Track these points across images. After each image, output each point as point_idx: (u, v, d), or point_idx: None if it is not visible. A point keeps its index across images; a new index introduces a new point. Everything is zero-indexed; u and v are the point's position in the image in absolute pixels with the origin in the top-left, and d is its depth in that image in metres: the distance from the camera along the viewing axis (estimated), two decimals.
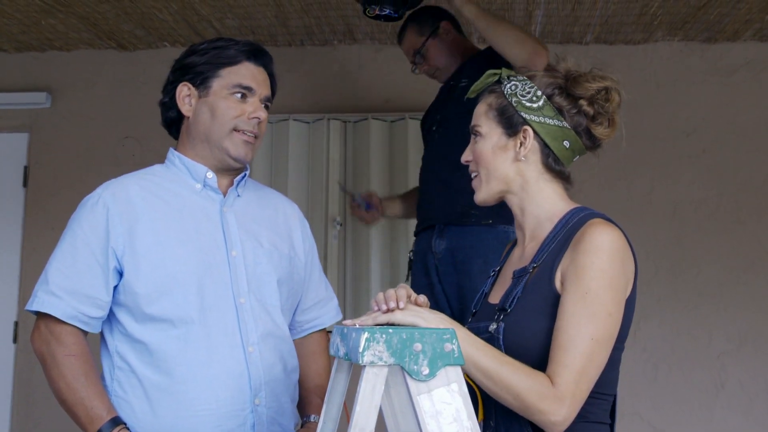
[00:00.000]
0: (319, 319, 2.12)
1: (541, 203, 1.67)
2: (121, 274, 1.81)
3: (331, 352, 1.43)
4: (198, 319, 1.79)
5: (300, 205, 2.19)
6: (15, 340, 4.12)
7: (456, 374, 1.28)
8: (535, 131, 1.66)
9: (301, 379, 2.03)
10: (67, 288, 1.78)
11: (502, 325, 1.57)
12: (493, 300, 1.71)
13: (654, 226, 3.93)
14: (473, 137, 1.74)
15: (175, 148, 1.99)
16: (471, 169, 1.75)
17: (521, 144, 1.66)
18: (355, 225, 4.02)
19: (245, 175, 1.99)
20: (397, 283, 3.02)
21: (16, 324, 4.13)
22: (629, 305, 1.56)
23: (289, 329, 2.02)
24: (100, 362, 1.85)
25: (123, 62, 4.29)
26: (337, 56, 4.23)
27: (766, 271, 3.88)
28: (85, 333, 1.81)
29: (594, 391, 1.51)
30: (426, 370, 1.26)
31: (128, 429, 1.74)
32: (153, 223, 1.83)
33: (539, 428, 1.47)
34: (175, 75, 1.97)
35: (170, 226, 1.85)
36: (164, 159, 2.00)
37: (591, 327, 1.46)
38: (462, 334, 1.41)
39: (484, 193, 1.71)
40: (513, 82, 1.69)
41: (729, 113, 3.99)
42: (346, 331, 1.36)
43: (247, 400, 1.80)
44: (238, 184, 1.97)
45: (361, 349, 1.24)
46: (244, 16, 3.80)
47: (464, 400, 1.27)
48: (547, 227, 1.65)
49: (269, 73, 2.01)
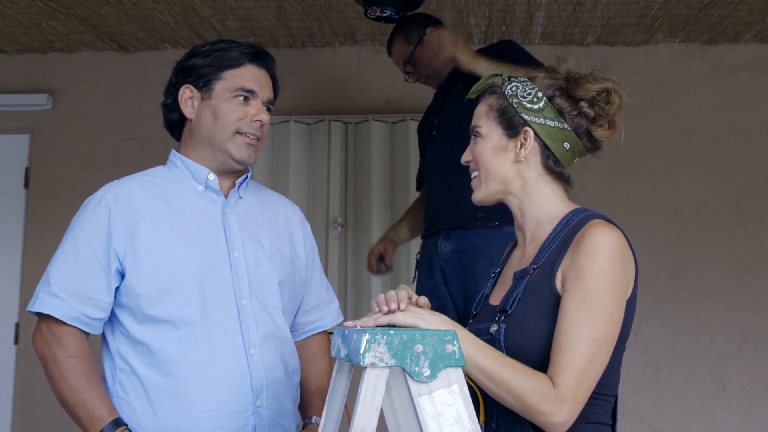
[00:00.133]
0: (320, 321, 2.12)
1: (541, 204, 1.67)
2: (122, 276, 1.81)
3: (332, 353, 1.43)
4: (199, 321, 1.79)
5: (301, 207, 2.19)
6: (16, 341, 4.12)
7: (457, 376, 1.28)
8: (535, 132, 1.66)
9: (302, 381, 2.03)
10: (69, 289, 1.78)
11: (503, 326, 1.57)
12: (494, 301, 1.71)
13: (655, 228, 3.93)
14: (473, 138, 1.74)
15: (177, 150, 1.99)
16: (471, 168, 1.75)
17: (521, 145, 1.66)
18: (356, 226, 4.03)
19: (247, 176, 1.99)
20: (398, 284, 3.02)
21: (17, 325, 4.13)
22: (630, 306, 1.56)
23: (290, 331, 2.02)
24: (101, 363, 1.85)
25: (124, 64, 4.30)
26: (338, 58, 4.23)
27: (767, 272, 3.88)
28: (87, 334, 1.81)
29: (595, 392, 1.50)
30: (427, 372, 1.26)
31: (129, 430, 1.74)
32: (155, 225, 1.83)
33: (540, 430, 1.47)
34: (177, 77, 1.96)
35: (172, 228, 1.85)
36: (166, 160, 2.00)
37: (592, 328, 1.46)
38: (463, 335, 1.41)
39: (483, 193, 1.71)
40: (514, 83, 1.69)
41: (730, 115, 3.99)
42: (347, 332, 1.36)
43: (249, 402, 1.80)
44: (239, 186, 1.97)
45: (362, 351, 1.24)
46: (245, 18, 3.80)
47: (465, 402, 1.27)
48: (548, 228, 1.65)
49: (271, 75, 2.00)
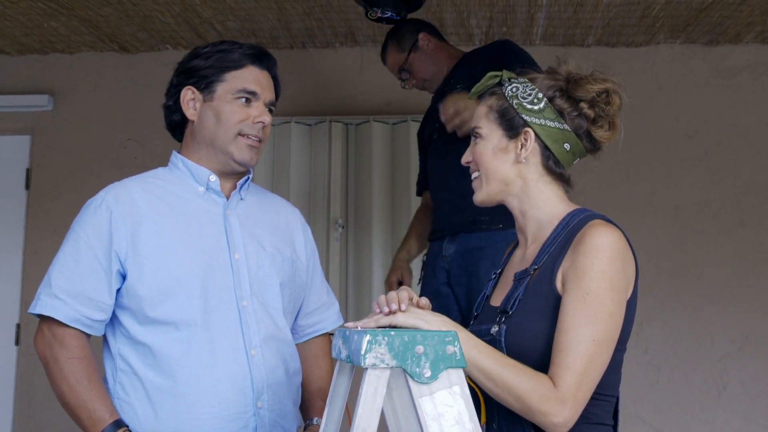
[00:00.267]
0: (321, 323, 2.12)
1: (542, 205, 1.67)
2: (124, 277, 1.81)
3: (333, 354, 1.43)
4: (201, 322, 1.79)
5: (302, 208, 2.19)
6: (17, 342, 4.12)
7: (458, 377, 1.28)
8: (535, 133, 1.66)
9: (303, 383, 2.03)
10: (70, 291, 1.78)
11: (504, 327, 1.57)
12: (495, 302, 1.71)
13: (656, 229, 3.93)
14: (474, 138, 1.74)
15: (179, 151, 1.99)
16: (471, 169, 1.75)
17: (522, 146, 1.66)
18: (356, 227, 4.03)
19: (248, 178, 1.99)
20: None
21: (18, 326, 4.13)
22: (630, 306, 1.56)
23: (291, 333, 2.01)
24: (102, 365, 1.85)
25: (125, 65, 4.30)
26: (338, 59, 4.23)
27: None
28: (88, 336, 1.81)
29: (596, 393, 1.51)
30: (428, 373, 1.26)
31: (131, 431, 1.74)
32: (156, 226, 1.83)
33: (541, 430, 1.47)
34: (178, 78, 1.96)
35: (173, 229, 1.84)
36: (167, 161, 2.00)
37: (592, 328, 1.46)
38: (464, 336, 1.41)
39: (484, 194, 1.71)
40: (514, 84, 1.69)
41: (731, 115, 3.99)
42: (348, 333, 1.36)
43: (250, 403, 1.80)
44: (241, 187, 1.97)
45: (363, 352, 1.24)
46: (246, 19, 3.80)
47: (466, 403, 1.27)
48: (548, 229, 1.65)
49: (273, 77, 2.00)
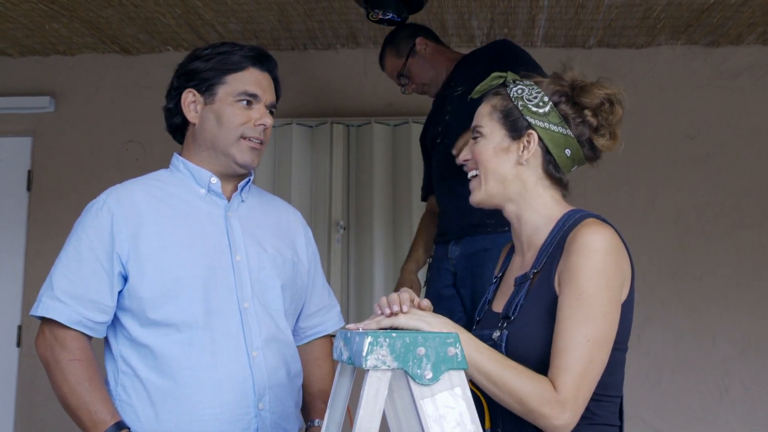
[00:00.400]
0: (322, 325, 2.12)
1: (539, 209, 1.67)
2: (125, 279, 1.81)
3: (335, 356, 1.43)
4: (202, 324, 1.79)
5: (303, 209, 2.19)
6: (19, 344, 4.12)
7: (459, 378, 1.28)
8: (539, 136, 1.66)
9: (304, 384, 2.03)
10: (72, 293, 1.78)
11: (506, 333, 1.57)
12: (497, 308, 1.71)
13: (657, 231, 3.92)
14: (474, 137, 1.73)
15: (180, 153, 1.99)
16: (469, 167, 1.74)
17: (524, 148, 1.66)
18: (358, 229, 4.03)
19: (249, 180, 1.99)
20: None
21: (20, 328, 4.13)
22: (628, 305, 1.56)
23: (293, 335, 2.01)
24: (103, 366, 1.85)
25: (126, 66, 4.30)
26: (340, 60, 4.23)
27: None
28: (90, 338, 1.81)
29: (600, 394, 1.51)
30: (429, 375, 1.26)
31: None
32: (158, 228, 1.83)
33: None
34: (179, 81, 1.95)
35: (175, 231, 1.84)
36: (168, 163, 2.00)
37: (587, 329, 1.46)
38: (465, 338, 1.41)
39: (483, 193, 1.70)
40: (519, 86, 1.69)
41: (732, 117, 3.99)
42: (349, 335, 1.35)
43: (251, 405, 1.80)
44: (242, 190, 1.97)
45: (364, 353, 1.24)
46: (248, 20, 3.80)
47: (467, 405, 1.27)
48: (544, 232, 1.65)
49: (274, 78, 2.00)
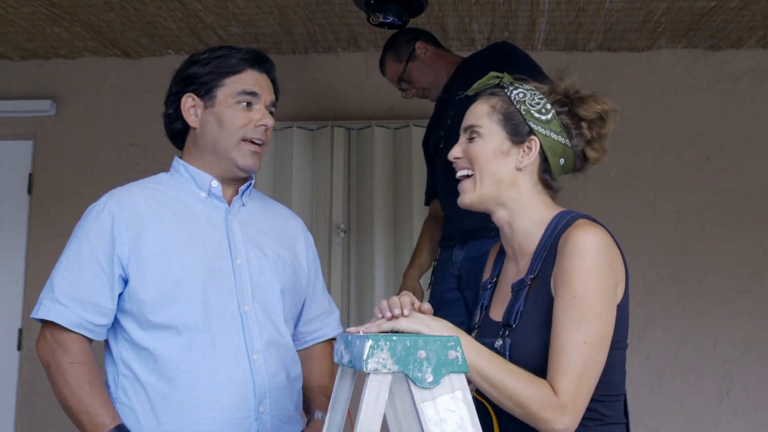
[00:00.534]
0: (321, 330, 2.12)
1: (531, 214, 1.66)
2: (126, 282, 1.81)
3: (335, 359, 1.43)
4: (203, 327, 1.79)
5: (304, 213, 2.19)
6: (19, 348, 4.12)
7: (460, 382, 1.28)
8: (540, 143, 1.65)
9: (304, 381, 2.02)
10: (73, 296, 1.78)
11: (509, 341, 1.56)
12: (495, 315, 1.70)
13: (658, 233, 3.92)
14: (469, 136, 1.70)
15: (180, 157, 1.99)
16: (460, 166, 1.70)
17: (525, 153, 1.65)
18: (359, 232, 4.02)
19: (250, 184, 2.00)
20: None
21: (20, 331, 4.13)
22: (624, 304, 1.56)
23: (292, 340, 2.01)
24: (104, 370, 1.85)
25: (127, 70, 4.30)
26: (340, 64, 4.24)
27: None
28: (90, 340, 1.81)
29: (606, 394, 1.53)
30: (430, 378, 1.26)
31: None
32: (158, 231, 1.83)
33: None
34: (178, 86, 1.96)
35: (176, 234, 1.85)
36: (169, 166, 2.00)
37: (583, 331, 1.46)
38: (466, 341, 1.41)
39: (476, 195, 1.67)
40: (520, 90, 1.68)
41: (733, 120, 3.99)
42: (350, 338, 1.35)
43: (252, 408, 1.80)
44: (243, 193, 1.97)
45: (365, 357, 1.24)
46: (248, 24, 3.81)
47: (468, 408, 1.27)
48: (536, 237, 1.64)
49: (272, 79, 2.00)
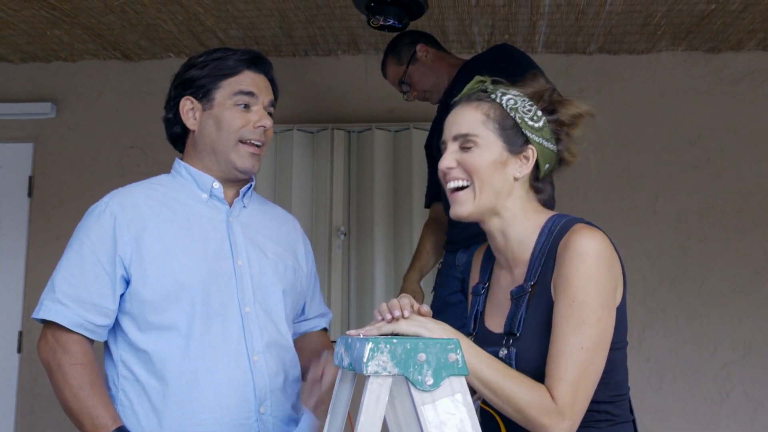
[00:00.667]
0: (317, 326, 2.16)
1: (525, 221, 1.63)
2: (128, 283, 1.81)
3: (336, 362, 1.43)
4: (203, 328, 1.79)
5: (304, 215, 2.20)
6: (19, 350, 4.12)
7: (460, 385, 1.28)
8: (536, 153, 1.63)
9: (300, 349, 2.03)
10: (74, 296, 1.78)
11: (514, 350, 1.55)
12: (491, 324, 1.68)
13: (658, 235, 3.92)
14: (462, 145, 1.63)
15: (181, 159, 1.99)
16: (454, 177, 1.64)
17: (522, 163, 1.63)
18: (359, 235, 4.02)
19: (251, 186, 2.00)
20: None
21: (21, 334, 4.13)
22: (622, 307, 1.56)
23: None
24: (104, 371, 1.85)
25: (128, 73, 4.31)
26: (341, 66, 4.24)
27: None
28: (92, 341, 1.81)
29: (613, 394, 1.54)
30: (430, 381, 1.26)
31: None
32: (160, 232, 1.84)
33: None
34: (176, 90, 1.97)
35: (177, 235, 1.85)
36: (169, 168, 2.00)
37: (581, 336, 1.45)
38: (465, 345, 1.41)
39: (473, 207, 1.63)
40: (509, 96, 1.64)
41: (733, 122, 3.99)
42: (350, 341, 1.35)
43: (253, 409, 1.80)
44: (243, 195, 1.98)
45: (365, 360, 1.24)
46: (249, 27, 3.81)
47: (468, 411, 1.27)
48: (530, 243, 1.62)
49: (270, 80, 2.01)
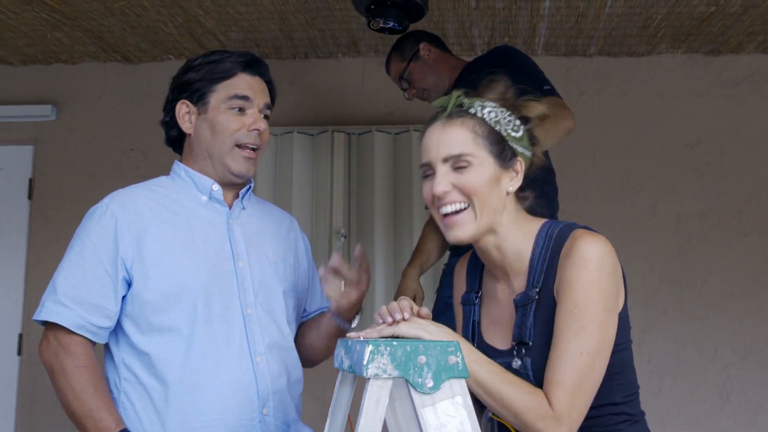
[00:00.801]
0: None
1: (518, 232, 1.61)
2: (129, 284, 1.81)
3: (336, 364, 1.43)
4: (205, 329, 1.80)
5: (304, 218, 2.20)
6: (19, 353, 4.12)
7: (460, 387, 1.28)
8: (523, 164, 1.61)
9: (309, 328, 2.07)
10: (76, 298, 1.78)
11: (528, 360, 1.53)
12: (492, 339, 1.65)
13: (658, 238, 3.92)
14: (455, 166, 1.56)
15: (180, 161, 2.00)
16: (451, 200, 1.57)
17: (513, 177, 1.60)
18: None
19: (250, 187, 2.00)
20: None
21: (21, 336, 4.13)
22: (624, 309, 1.56)
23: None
24: (105, 374, 1.85)
25: (128, 75, 4.31)
26: (341, 69, 4.24)
27: None
28: (93, 344, 1.81)
29: (627, 394, 1.55)
30: (430, 383, 1.26)
31: None
32: (161, 233, 1.84)
33: None
34: (173, 93, 1.97)
35: (178, 237, 1.85)
36: (169, 171, 2.00)
37: (580, 341, 1.44)
38: (465, 348, 1.40)
39: (475, 229, 1.57)
40: (489, 109, 1.59)
41: (733, 125, 3.99)
42: (350, 343, 1.35)
43: (256, 410, 1.80)
44: (243, 197, 1.98)
45: (365, 362, 1.24)
46: (249, 29, 3.81)
47: (468, 413, 1.27)
48: (526, 253, 1.60)
49: (267, 81, 2.00)
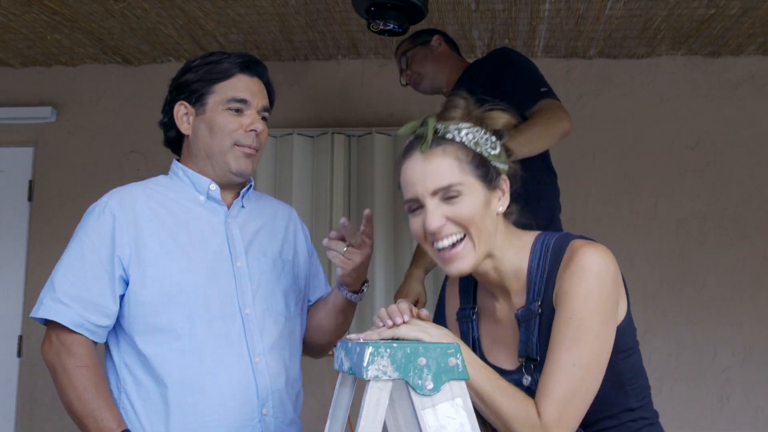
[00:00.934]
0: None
1: (512, 249, 1.58)
2: (127, 283, 1.81)
3: (336, 366, 1.43)
4: (204, 330, 1.80)
5: (304, 219, 2.19)
6: (19, 354, 4.12)
7: (460, 389, 1.28)
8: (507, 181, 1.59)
9: (317, 309, 2.07)
10: (75, 295, 1.78)
11: (538, 375, 1.50)
12: (494, 358, 1.63)
13: (658, 240, 3.92)
14: (445, 197, 1.51)
15: (178, 161, 2.00)
16: (446, 233, 1.52)
17: (502, 196, 1.57)
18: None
19: (250, 187, 2.00)
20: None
21: (21, 338, 4.13)
22: (628, 316, 1.55)
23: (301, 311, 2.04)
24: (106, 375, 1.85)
25: (128, 77, 4.31)
26: (341, 71, 4.24)
27: None
28: (95, 344, 1.81)
29: (641, 398, 1.56)
30: (430, 385, 1.26)
31: None
32: (159, 233, 1.84)
33: None
34: (171, 95, 1.97)
35: (176, 237, 1.85)
36: (168, 173, 2.01)
37: (574, 353, 1.43)
38: (463, 351, 1.39)
39: (476, 258, 1.54)
40: (465, 131, 1.55)
41: (733, 127, 4.00)
42: (350, 345, 1.35)
43: (255, 410, 1.80)
44: (243, 197, 1.98)
45: (365, 364, 1.24)
46: (249, 31, 3.81)
47: (468, 415, 1.27)
48: (524, 267, 1.57)
49: (265, 83, 2.00)
